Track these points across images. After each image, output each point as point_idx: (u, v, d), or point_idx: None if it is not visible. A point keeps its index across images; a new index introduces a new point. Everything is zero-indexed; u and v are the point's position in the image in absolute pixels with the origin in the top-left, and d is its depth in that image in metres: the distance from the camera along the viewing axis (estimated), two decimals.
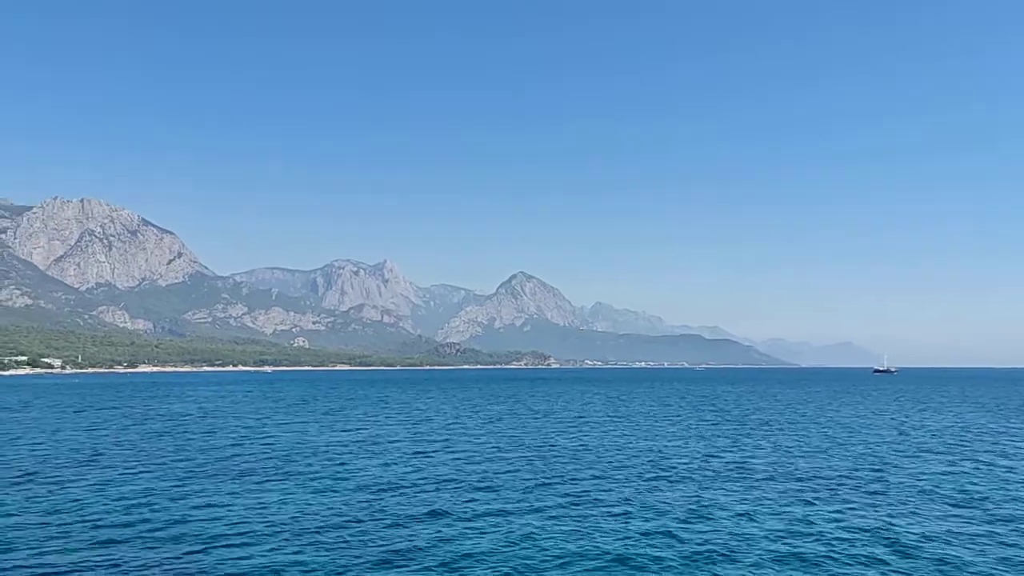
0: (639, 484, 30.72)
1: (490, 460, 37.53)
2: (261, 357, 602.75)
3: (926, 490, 29.33)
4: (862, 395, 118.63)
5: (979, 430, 55.31)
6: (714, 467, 35.63)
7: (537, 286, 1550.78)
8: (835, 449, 42.92)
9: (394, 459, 37.84)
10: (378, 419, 64.06)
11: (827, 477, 32.50)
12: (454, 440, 47.52)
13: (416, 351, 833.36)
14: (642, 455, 39.84)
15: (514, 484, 30.77)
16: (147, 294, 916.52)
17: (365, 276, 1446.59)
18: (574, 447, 43.60)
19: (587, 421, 62.24)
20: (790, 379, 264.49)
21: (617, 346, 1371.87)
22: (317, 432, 52.24)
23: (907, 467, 35.62)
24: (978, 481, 31.66)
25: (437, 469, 34.76)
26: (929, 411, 78.61)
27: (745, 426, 58.59)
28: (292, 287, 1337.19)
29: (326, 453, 40.45)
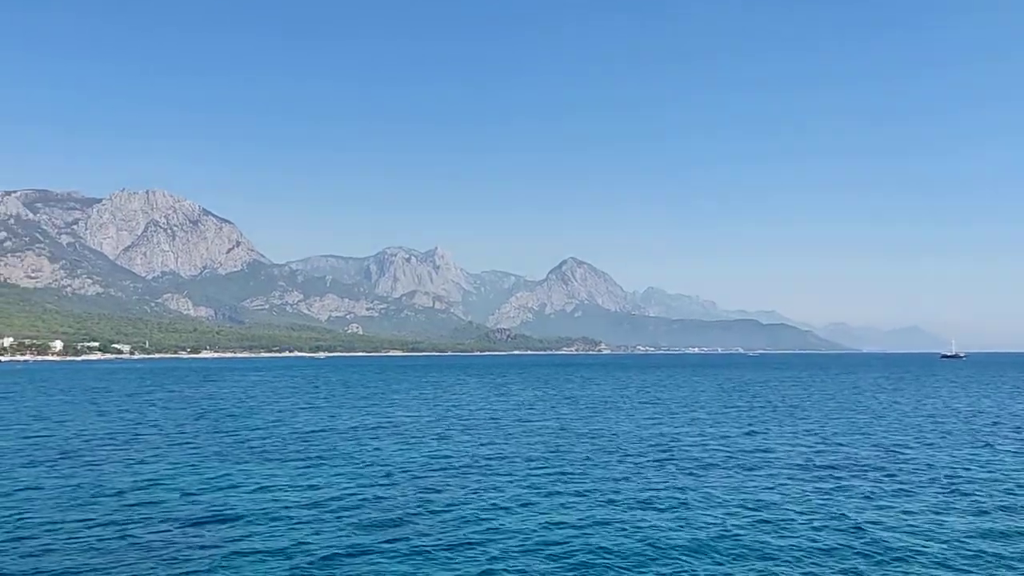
0: (625, 468, 31.41)
1: (502, 444, 38.64)
2: (316, 343, 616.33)
3: (910, 477, 29.41)
4: (917, 381, 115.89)
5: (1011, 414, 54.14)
6: (711, 453, 36.06)
7: (587, 271, 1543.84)
8: (849, 436, 42.87)
9: (409, 442, 39.22)
10: (410, 404, 65.87)
11: (825, 465, 32.74)
12: (475, 424, 48.86)
13: (467, 337, 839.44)
14: (648, 442, 40.48)
15: (512, 467, 31.78)
16: (208, 282, 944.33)
17: (417, 263, 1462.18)
18: (585, 431, 44.43)
19: (611, 407, 62.88)
20: (845, 365, 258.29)
21: (670, 331, 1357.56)
22: (346, 416, 54.25)
23: (909, 454, 35.54)
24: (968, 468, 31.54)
25: (450, 452, 35.99)
26: (982, 397, 76.75)
27: (766, 412, 58.48)
28: (346, 274, 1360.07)
29: (346, 436, 42.22)
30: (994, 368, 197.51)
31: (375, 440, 40.15)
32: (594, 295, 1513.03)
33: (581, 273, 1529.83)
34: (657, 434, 43.15)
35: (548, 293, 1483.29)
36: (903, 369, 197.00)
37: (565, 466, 31.70)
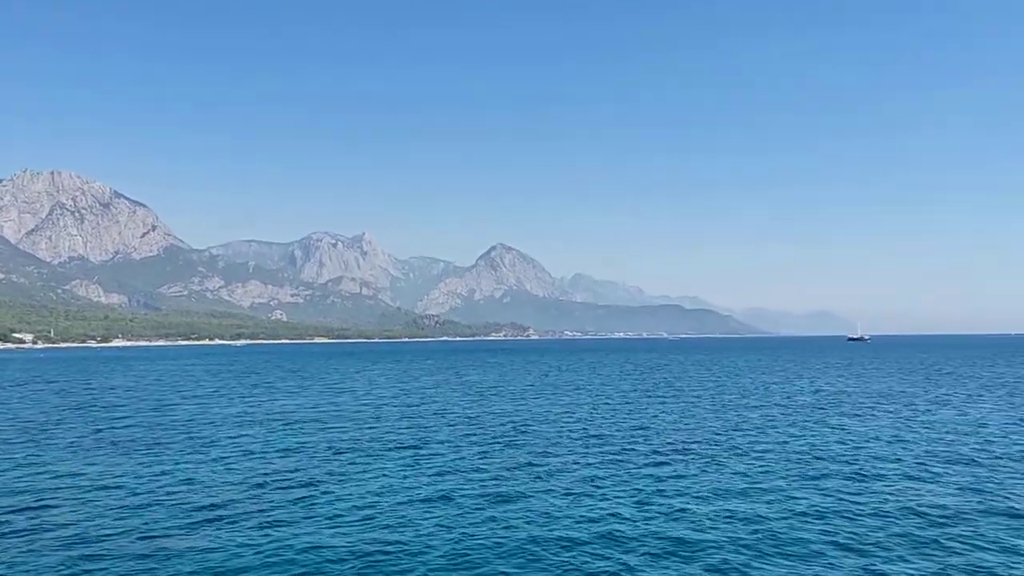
0: (470, 450, 31.46)
1: (368, 430, 37.99)
2: (238, 331, 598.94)
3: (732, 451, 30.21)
4: (804, 363, 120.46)
5: (882, 394, 56.52)
6: (571, 433, 36.37)
7: (516, 257, 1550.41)
8: (710, 414, 43.88)
9: (273, 431, 38.10)
10: (301, 393, 64.33)
11: (674, 443, 33.28)
12: (360, 410, 48.01)
13: (395, 323, 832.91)
14: (516, 422, 40.62)
15: (372, 448, 31.45)
16: (121, 268, 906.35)
17: (343, 249, 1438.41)
18: (458, 416, 44.26)
19: (501, 392, 63.01)
20: (757, 347, 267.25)
21: (596, 317, 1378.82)
22: (227, 405, 52.49)
23: (745, 430, 36.54)
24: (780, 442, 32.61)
25: (319, 439, 35.16)
26: (852, 377, 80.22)
27: (643, 393, 59.96)
28: (269, 260, 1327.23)
29: (213, 425, 40.73)
30: (891, 349, 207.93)
31: (239, 429, 38.81)
32: (523, 281, 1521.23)
33: (510, 259, 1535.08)
34: (526, 417, 43.51)
35: (477, 279, 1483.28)
36: (802, 351, 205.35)
37: (413, 450, 31.45)
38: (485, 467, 27.30)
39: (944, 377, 79.43)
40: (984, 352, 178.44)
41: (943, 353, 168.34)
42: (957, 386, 66.06)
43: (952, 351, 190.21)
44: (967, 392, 59.53)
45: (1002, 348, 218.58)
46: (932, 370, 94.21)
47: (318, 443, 33.56)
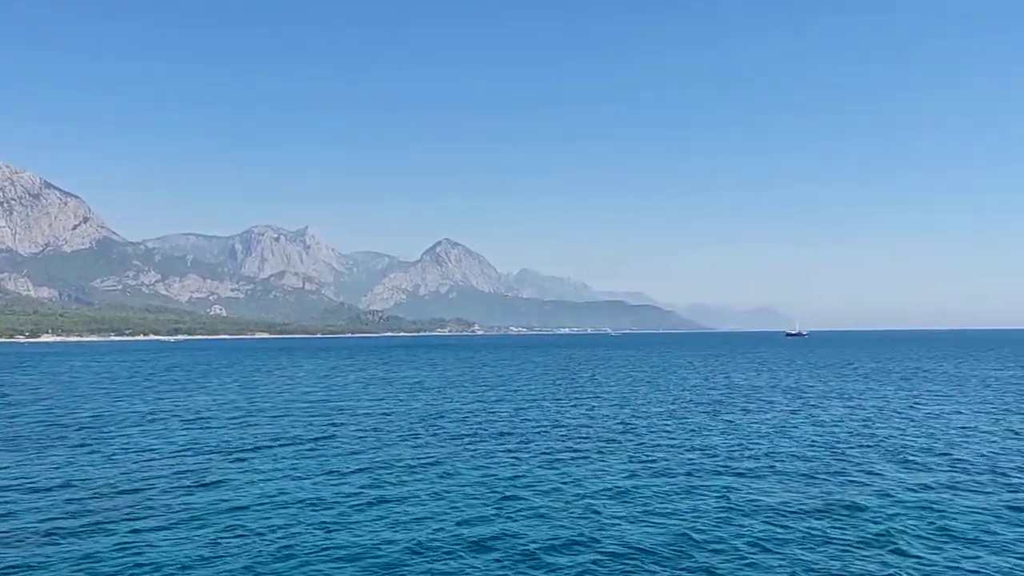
0: (362, 444, 32.26)
1: (267, 427, 38.21)
2: (175, 326, 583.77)
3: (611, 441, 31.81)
4: (732, 358, 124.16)
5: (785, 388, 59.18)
6: (462, 426, 37.34)
7: (462, 253, 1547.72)
8: (611, 409, 45.52)
9: (172, 428, 37.96)
10: (218, 389, 63.89)
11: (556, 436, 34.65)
12: (266, 407, 48.16)
13: (338, 319, 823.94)
14: (412, 418, 41.55)
15: (269, 446, 31.92)
16: (51, 261, 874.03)
17: (286, 243, 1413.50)
18: (368, 412, 44.71)
19: (424, 388, 63.64)
20: (693, 343, 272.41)
21: (542, 312, 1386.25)
22: (136, 402, 52.00)
23: (639, 423, 38.36)
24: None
25: (221, 435, 35.49)
26: (766, 372, 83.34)
27: (558, 389, 61.34)
28: (209, 254, 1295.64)
29: (113, 422, 40.55)
30: (826, 345, 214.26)
31: (139, 427, 38.66)
32: (468, 277, 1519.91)
33: (456, 254, 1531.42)
34: (430, 412, 44.35)
35: (422, 274, 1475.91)
36: (736, 346, 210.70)
37: (302, 445, 32.01)
38: (346, 466, 27.46)
39: (850, 371, 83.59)
40: (910, 346, 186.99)
41: (870, 348, 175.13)
42: (856, 380, 69.63)
43: (881, 346, 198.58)
44: (863, 386, 62.85)
45: (932, 342, 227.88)
46: (845, 365, 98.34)
47: (204, 442, 33.71)
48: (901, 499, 21.62)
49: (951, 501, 21.35)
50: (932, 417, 40.37)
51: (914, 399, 50.43)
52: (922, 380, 68.54)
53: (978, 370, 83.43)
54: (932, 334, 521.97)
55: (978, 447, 30.49)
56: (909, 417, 40.47)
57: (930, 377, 72.57)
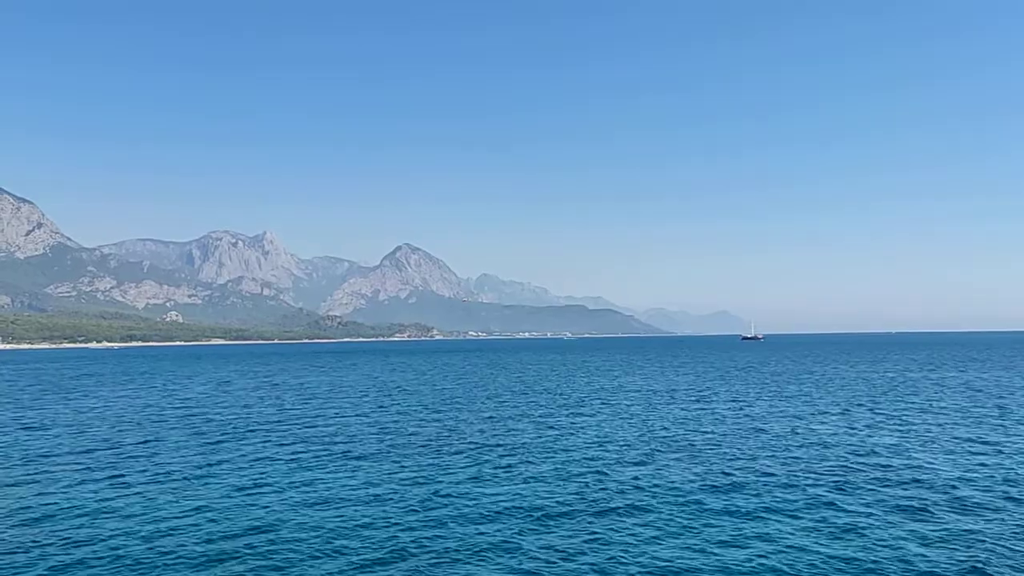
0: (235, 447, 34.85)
1: (141, 434, 39.78)
2: (129, 333, 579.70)
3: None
4: (660, 360, 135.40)
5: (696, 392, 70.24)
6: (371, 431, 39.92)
7: (422, 258, 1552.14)
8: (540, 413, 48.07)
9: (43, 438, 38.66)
10: (118, 396, 65.99)
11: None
12: (124, 413, 50.23)
13: (296, 324, 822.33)
14: (301, 424, 44.14)
15: (102, 455, 32.80)
16: (3, 267, 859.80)
17: (244, 248, 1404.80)
18: (256, 419, 46.29)
19: (339, 394, 66.83)
20: (648, 347, 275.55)
21: (502, 317, 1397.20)
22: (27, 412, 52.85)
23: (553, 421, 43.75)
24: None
25: (56, 442, 36.57)
26: (692, 375, 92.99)
27: (473, 391, 68.50)
28: (166, 259, 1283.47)
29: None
30: (778, 349, 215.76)
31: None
32: (428, 281, 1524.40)
33: (416, 259, 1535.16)
34: (329, 416, 47.14)
35: (382, 279, 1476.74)
36: (679, 349, 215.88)
37: (161, 451, 33.57)
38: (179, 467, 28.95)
39: (751, 373, 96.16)
40: (854, 348, 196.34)
41: (817, 350, 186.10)
42: (754, 383, 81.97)
43: (828, 348, 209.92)
44: (756, 390, 75.11)
45: (888, 346, 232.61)
46: (759, 369, 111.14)
47: (101, 446, 35.26)
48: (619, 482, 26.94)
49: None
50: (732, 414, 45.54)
51: (751, 398, 55.96)
52: (787, 382, 73.71)
53: (857, 371, 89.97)
54: (887, 337, 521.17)
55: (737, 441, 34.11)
56: (719, 414, 45.28)
57: (798, 379, 79.02)
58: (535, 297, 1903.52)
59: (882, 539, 18.85)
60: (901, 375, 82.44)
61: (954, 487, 24.17)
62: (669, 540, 19.02)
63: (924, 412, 45.43)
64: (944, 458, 29.48)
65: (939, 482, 24.93)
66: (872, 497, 22.94)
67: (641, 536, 19.37)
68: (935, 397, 55.50)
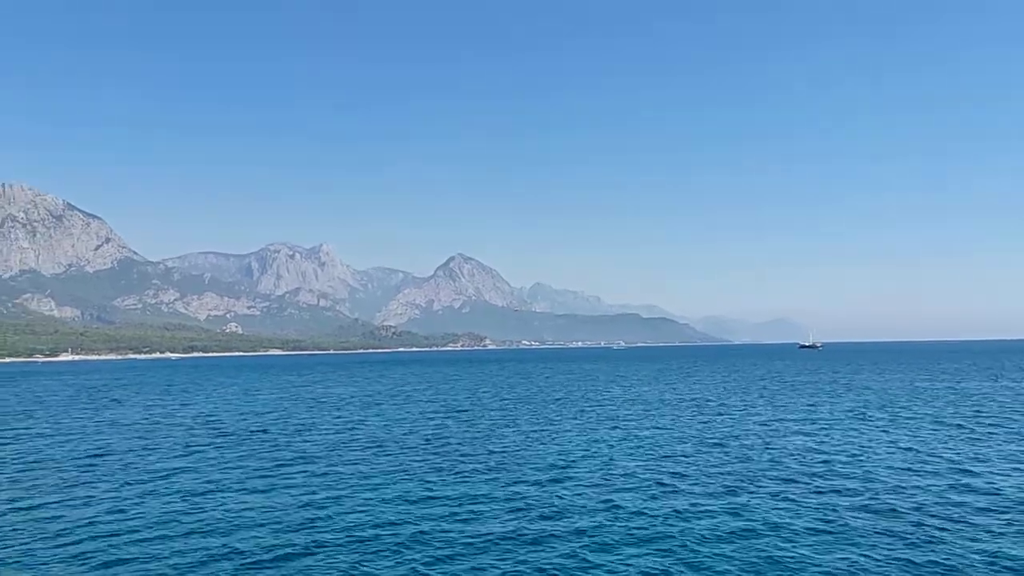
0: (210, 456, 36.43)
1: (127, 442, 42.16)
2: (191, 343, 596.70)
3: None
4: (708, 371, 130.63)
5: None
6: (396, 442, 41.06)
7: (475, 268, 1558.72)
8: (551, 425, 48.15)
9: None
10: (126, 406, 68.51)
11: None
12: (124, 426, 51.81)
13: (352, 335, 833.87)
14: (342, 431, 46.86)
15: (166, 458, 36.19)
16: (74, 281, 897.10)
17: (301, 260, 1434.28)
18: (304, 424, 50.73)
19: (377, 403, 67.75)
20: (691, 355, 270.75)
21: (555, 326, 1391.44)
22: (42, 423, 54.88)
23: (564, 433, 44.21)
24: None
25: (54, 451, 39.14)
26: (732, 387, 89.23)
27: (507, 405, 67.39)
28: (226, 272, 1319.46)
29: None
30: (833, 358, 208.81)
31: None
32: (482, 291, 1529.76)
33: (469, 269, 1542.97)
34: (281, 426, 49.19)
35: (436, 290, 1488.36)
36: (731, 360, 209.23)
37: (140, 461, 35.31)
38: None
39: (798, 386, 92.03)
40: (915, 357, 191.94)
41: (876, 359, 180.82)
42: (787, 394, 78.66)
43: (886, 357, 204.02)
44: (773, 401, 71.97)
45: (943, 354, 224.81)
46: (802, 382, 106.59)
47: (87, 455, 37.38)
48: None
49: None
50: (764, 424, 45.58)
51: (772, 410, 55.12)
52: (814, 391, 72.71)
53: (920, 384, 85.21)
54: (952, 345, 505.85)
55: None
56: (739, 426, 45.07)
57: (827, 390, 77.03)
58: (588, 306, 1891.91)
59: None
60: (913, 384, 77.11)
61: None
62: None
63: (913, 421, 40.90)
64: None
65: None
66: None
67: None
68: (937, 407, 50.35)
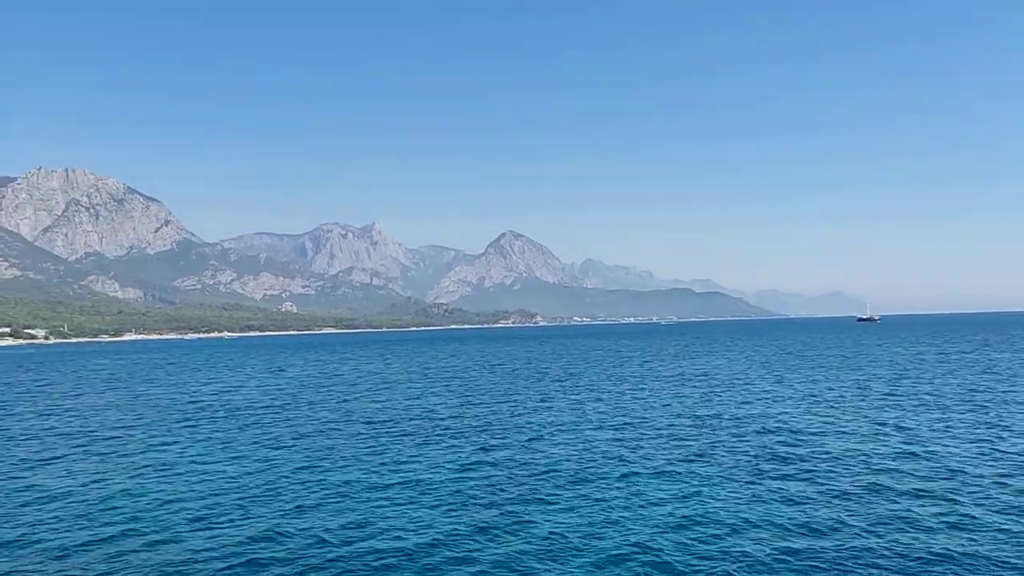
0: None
1: (135, 415, 44.54)
2: (247, 323, 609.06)
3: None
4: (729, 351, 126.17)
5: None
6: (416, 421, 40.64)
7: (526, 244, 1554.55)
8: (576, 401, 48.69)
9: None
10: (191, 383, 70.70)
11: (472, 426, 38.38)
12: (147, 403, 53.56)
13: (404, 313, 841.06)
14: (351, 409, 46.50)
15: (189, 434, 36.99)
16: (136, 263, 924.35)
17: (354, 239, 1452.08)
18: (331, 401, 50.83)
19: (393, 382, 67.47)
20: (742, 330, 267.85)
21: (607, 302, 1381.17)
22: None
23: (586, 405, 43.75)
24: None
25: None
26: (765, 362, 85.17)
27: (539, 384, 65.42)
28: (281, 252, 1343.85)
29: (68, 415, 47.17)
30: (894, 330, 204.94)
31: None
32: (532, 268, 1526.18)
33: (519, 246, 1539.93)
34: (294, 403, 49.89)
35: (487, 267, 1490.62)
36: (779, 333, 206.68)
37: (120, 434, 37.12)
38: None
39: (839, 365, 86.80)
40: (971, 328, 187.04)
41: (935, 331, 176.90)
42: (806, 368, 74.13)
43: (944, 328, 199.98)
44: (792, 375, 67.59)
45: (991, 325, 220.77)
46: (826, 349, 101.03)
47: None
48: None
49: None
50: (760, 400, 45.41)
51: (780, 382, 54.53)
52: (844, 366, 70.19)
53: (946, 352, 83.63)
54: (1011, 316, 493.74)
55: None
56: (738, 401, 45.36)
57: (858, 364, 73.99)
58: (640, 282, 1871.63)
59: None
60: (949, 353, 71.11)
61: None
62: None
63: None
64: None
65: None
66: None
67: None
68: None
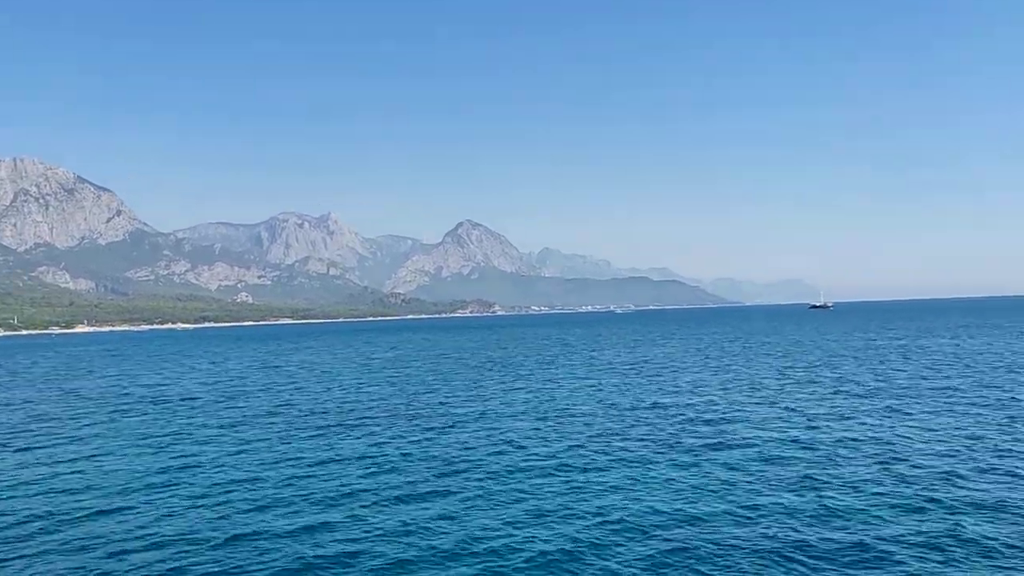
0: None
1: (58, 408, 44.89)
2: (202, 314, 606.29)
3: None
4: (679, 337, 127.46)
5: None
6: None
7: (484, 233, 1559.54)
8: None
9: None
10: (95, 376, 71.33)
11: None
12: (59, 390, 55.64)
13: (361, 303, 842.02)
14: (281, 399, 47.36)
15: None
16: (88, 253, 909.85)
17: (310, 229, 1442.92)
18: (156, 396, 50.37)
19: (333, 372, 68.73)
20: (691, 318, 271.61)
21: (564, 291, 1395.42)
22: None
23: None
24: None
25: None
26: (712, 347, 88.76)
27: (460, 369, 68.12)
28: (236, 242, 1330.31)
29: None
30: (843, 317, 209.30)
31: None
32: (490, 257, 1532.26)
33: (477, 235, 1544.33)
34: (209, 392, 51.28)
35: (444, 256, 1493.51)
36: (727, 321, 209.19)
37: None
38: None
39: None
40: (920, 315, 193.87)
41: (886, 318, 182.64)
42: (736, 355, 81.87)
43: (895, 315, 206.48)
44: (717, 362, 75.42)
45: (942, 311, 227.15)
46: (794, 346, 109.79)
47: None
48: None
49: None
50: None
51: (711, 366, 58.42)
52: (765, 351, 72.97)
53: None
54: (964, 303, 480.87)
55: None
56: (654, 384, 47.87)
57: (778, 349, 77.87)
58: (597, 270, 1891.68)
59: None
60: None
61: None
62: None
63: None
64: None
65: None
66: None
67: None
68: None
